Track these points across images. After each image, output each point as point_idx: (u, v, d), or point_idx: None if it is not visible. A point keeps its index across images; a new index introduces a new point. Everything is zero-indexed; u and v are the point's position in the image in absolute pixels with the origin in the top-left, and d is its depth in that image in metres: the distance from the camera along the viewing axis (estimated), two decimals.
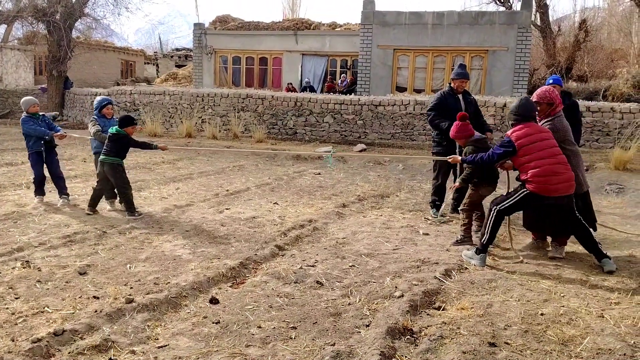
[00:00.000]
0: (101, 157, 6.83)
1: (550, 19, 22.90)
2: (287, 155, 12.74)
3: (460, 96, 7.08)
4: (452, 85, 7.09)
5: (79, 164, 10.98)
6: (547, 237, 5.75)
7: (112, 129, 6.85)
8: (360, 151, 13.91)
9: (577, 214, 5.13)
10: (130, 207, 6.79)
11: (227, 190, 8.60)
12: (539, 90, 5.45)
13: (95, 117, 7.39)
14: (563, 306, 4.13)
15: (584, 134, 13.05)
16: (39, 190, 7.41)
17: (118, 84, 26.49)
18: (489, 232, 5.10)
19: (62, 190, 7.43)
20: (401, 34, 18.43)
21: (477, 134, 6.07)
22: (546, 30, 22.37)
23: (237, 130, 15.93)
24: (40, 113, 7.51)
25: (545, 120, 5.38)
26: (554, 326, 3.77)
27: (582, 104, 14.04)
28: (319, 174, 10.77)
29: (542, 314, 3.97)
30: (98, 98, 7.61)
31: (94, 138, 7.36)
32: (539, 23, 22.40)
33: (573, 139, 5.56)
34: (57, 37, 19.25)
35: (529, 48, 17.86)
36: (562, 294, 4.40)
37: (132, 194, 6.95)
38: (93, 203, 6.92)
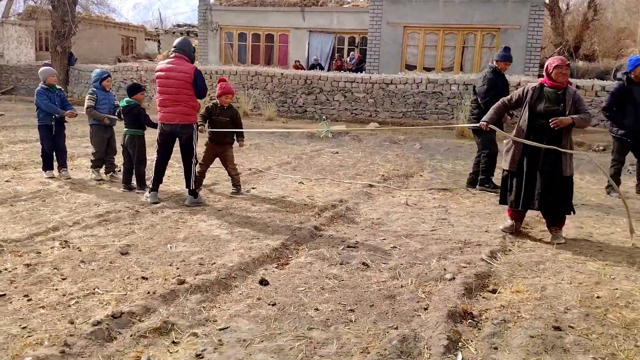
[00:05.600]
0: (124, 130, 6.89)
1: None
2: (300, 134, 12.63)
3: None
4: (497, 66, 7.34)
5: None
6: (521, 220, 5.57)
7: (122, 102, 6.88)
8: (373, 130, 13.81)
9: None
10: (140, 182, 6.88)
11: (250, 169, 8.50)
12: (556, 57, 5.28)
13: (95, 89, 7.34)
14: (616, 289, 4.10)
15: (598, 114, 12.97)
16: (47, 165, 7.42)
17: (119, 60, 26.12)
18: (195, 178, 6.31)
19: (63, 164, 7.45)
20: (412, 11, 18.17)
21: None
22: (554, 8, 22.16)
23: (247, 108, 15.76)
24: (58, 86, 7.42)
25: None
26: (613, 309, 3.73)
27: (597, 83, 13.97)
28: (337, 152, 10.68)
29: (598, 297, 3.93)
30: (97, 70, 7.64)
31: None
32: (547, 1, 22.14)
33: None
34: (62, 13, 18.90)
35: (541, 26, 17.67)
36: (612, 276, 4.36)
37: (145, 169, 6.96)
38: (126, 179, 6.93)
